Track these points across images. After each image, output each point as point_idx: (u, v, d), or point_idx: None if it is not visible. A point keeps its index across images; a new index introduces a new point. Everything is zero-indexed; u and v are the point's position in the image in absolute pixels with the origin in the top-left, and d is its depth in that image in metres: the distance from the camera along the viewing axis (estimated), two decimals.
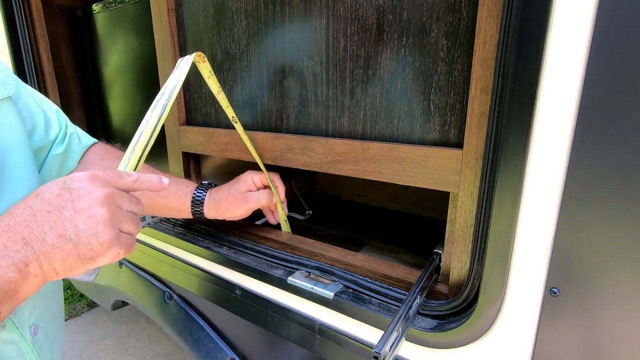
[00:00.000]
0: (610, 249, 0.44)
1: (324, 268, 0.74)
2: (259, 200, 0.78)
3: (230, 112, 0.74)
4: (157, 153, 1.28)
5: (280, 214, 0.86)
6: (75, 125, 0.75)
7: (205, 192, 0.79)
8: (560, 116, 0.43)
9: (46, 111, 0.67)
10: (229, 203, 0.78)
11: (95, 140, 0.77)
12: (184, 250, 0.94)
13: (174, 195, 0.78)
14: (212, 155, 0.98)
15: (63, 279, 0.75)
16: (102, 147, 0.77)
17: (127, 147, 0.53)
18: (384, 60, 0.61)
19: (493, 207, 0.50)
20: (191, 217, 0.80)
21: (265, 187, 0.81)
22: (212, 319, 0.99)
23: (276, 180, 0.82)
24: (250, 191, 0.79)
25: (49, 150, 0.65)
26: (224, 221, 0.89)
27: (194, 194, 0.78)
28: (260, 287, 0.80)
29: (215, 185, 0.82)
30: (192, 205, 0.78)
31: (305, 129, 0.74)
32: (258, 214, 1.22)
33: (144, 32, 1.16)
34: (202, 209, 0.78)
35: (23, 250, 0.37)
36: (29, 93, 0.65)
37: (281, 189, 0.83)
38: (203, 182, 0.81)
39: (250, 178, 0.79)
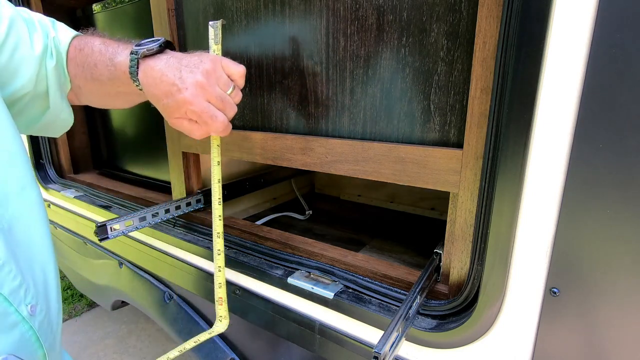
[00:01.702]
0: (610, 248, 0.44)
1: (324, 268, 0.74)
2: (189, 129, 0.61)
3: None
4: (157, 153, 1.28)
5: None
6: (52, 20, 0.67)
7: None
8: (560, 116, 0.43)
9: (23, 38, 0.59)
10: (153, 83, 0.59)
11: (71, 37, 0.66)
12: (184, 250, 0.94)
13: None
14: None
15: (62, 279, 0.74)
16: (75, 48, 0.66)
17: None
18: (384, 60, 0.61)
19: (493, 207, 0.50)
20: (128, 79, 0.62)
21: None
22: (212, 319, 0.99)
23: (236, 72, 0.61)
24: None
25: (45, 66, 0.61)
26: (224, 221, 0.89)
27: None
28: (260, 287, 0.80)
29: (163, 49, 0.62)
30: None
31: (305, 129, 0.74)
32: (258, 213, 1.23)
33: (144, 32, 1.16)
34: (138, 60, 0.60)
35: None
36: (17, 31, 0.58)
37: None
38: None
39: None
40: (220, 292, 0.68)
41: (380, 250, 0.94)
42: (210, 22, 0.65)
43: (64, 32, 0.67)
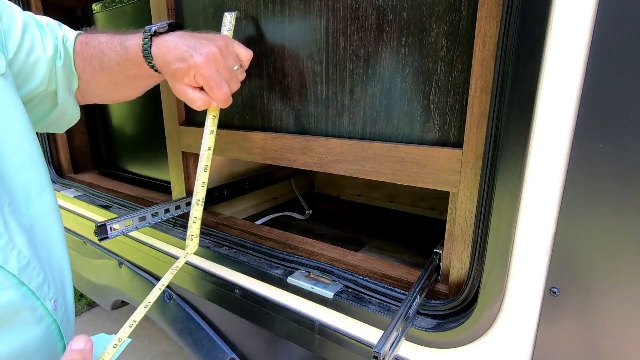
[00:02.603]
0: (611, 248, 0.44)
1: (324, 268, 0.74)
2: (193, 97, 0.63)
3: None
4: (157, 153, 1.28)
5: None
6: (58, 23, 0.69)
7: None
8: (560, 116, 0.43)
9: (36, 39, 0.62)
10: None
11: (74, 36, 0.68)
12: (184, 250, 0.94)
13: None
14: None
15: None
16: (81, 43, 0.69)
17: None
18: (384, 60, 0.61)
19: (493, 207, 0.50)
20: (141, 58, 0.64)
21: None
22: (212, 319, 0.99)
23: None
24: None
25: (55, 66, 0.64)
26: (224, 221, 0.89)
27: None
28: (260, 287, 0.80)
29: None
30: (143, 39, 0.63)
31: (305, 129, 0.74)
32: (258, 213, 1.23)
33: None
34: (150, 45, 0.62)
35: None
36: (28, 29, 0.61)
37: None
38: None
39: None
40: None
41: (380, 250, 0.94)
42: (226, 12, 0.70)
43: (69, 31, 0.69)
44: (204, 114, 0.68)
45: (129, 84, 0.72)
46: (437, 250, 0.66)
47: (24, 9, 1.25)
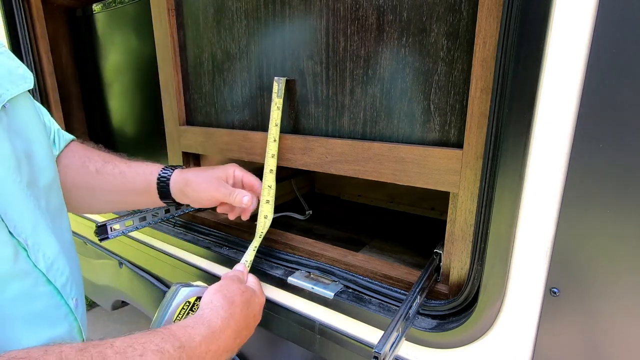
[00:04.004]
0: (611, 248, 0.44)
1: (324, 268, 0.74)
2: (231, 195, 0.71)
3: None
4: (157, 153, 1.28)
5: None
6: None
7: (173, 170, 0.74)
8: (560, 116, 0.43)
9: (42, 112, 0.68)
10: (198, 183, 0.72)
11: (71, 137, 0.77)
12: (184, 250, 0.94)
13: (140, 174, 0.73)
14: (212, 155, 0.98)
15: None
16: (76, 144, 0.77)
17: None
18: (384, 60, 0.61)
19: (493, 207, 0.50)
20: (158, 199, 0.74)
21: (240, 186, 0.75)
22: None
23: (256, 185, 0.76)
24: (227, 182, 0.73)
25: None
26: (223, 221, 0.89)
27: (160, 171, 0.73)
28: None
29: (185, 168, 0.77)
30: (157, 183, 0.72)
31: (305, 129, 0.74)
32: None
33: (144, 32, 1.16)
34: (169, 186, 0.72)
35: None
36: None
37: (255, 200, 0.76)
38: (172, 165, 0.77)
39: (232, 170, 0.74)
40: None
41: (380, 250, 0.94)
42: (276, 78, 0.72)
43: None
44: (204, 114, 0.68)
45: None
46: (437, 250, 0.66)
47: (24, 9, 1.25)
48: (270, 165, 0.75)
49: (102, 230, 0.80)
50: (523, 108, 0.45)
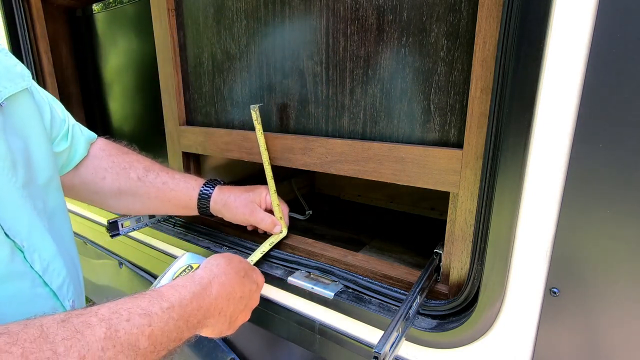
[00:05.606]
0: (611, 248, 0.44)
1: (324, 268, 0.74)
2: (263, 221, 0.78)
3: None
4: (157, 153, 1.28)
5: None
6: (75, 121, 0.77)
7: (213, 187, 0.79)
8: (560, 116, 0.43)
9: (52, 106, 0.68)
10: (236, 206, 0.78)
11: (95, 135, 0.80)
12: (184, 250, 0.94)
13: (182, 189, 0.79)
14: (212, 155, 0.98)
15: None
16: (107, 143, 0.80)
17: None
18: (384, 60, 0.61)
19: (493, 207, 0.50)
20: (197, 213, 0.80)
21: (270, 210, 0.81)
22: None
23: (285, 211, 0.82)
24: (260, 207, 0.80)
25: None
26: (223, 221, 0.89)
27: (202, 188, 0.79)
28: None
29: (223, 183, 0.82)
30: (198, 199, 0.78)
31: (305, 129, 0.74)
32: None
33: (144, 32, 1.16)
34: (209, 203, 0.79)
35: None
36: (36, 88, 0.66)
37: (286, 222, 0.83)
38: (210, 179, 0.82)
39: (265, 194, 0.80)
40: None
41: (380, 250, 0.94)
42: (251, 106, 0.73)
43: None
44: (204, 114, 0.68)
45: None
46: (437, 250, 0.66)
47: (24, 9, 1.25)
48: (271, 186, 0.79)
49: (113, 227, 0.82)
50: (523, 108, 0.45)
